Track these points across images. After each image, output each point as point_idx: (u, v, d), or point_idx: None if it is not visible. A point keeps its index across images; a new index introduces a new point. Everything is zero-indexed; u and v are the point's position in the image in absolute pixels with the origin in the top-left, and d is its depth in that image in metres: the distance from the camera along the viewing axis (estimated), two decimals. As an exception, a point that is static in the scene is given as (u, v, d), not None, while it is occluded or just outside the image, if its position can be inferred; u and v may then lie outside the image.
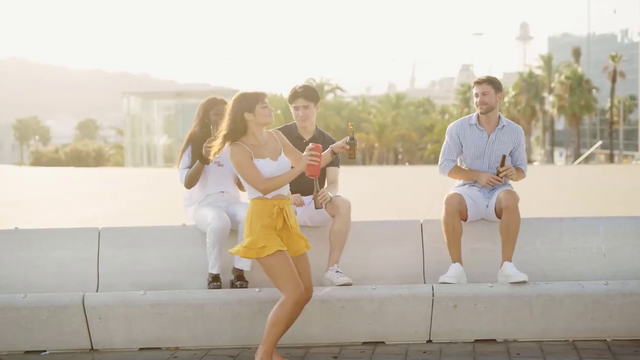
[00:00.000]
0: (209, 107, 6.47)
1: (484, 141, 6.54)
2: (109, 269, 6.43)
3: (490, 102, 6.51)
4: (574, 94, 69.93)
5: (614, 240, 6.46)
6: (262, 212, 5.32)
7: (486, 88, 6.51)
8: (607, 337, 6.13)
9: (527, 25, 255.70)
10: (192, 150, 6.45)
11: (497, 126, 6.55)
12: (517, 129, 6.63)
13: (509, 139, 6.56)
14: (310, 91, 6.51)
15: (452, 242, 6.21)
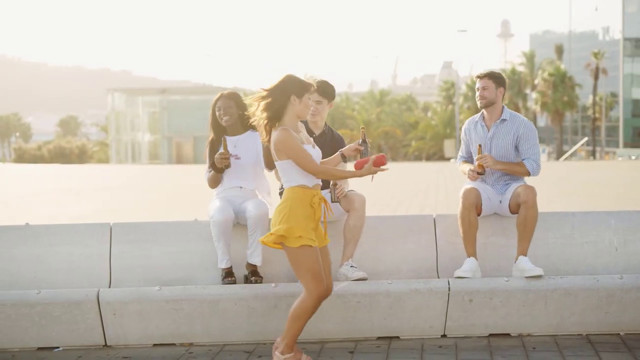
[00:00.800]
0: (214, 103, 6.44)
1: (485, 136, 6.54)
2: (121, 264, 6.38)
3: (490, 97, 6.46)
4: (556, 90, 70.25)
5: (626, 234, 6.48)
6: (303, 201, 5.20)
7: (486, 83, 6.48)
8: (621, 331, 6.15)
9: (508, 22, 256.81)
10: (209, 153, 6.42)
11: (497, 120, 6.51)
12: (521, 121, 6.50)
13: (509, 133, 6.48)
14: (327, 87, 6.48)
15: (468, 237, 6.21)
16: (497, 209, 6.46)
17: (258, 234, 6.15)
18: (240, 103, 6.40)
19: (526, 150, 6.45)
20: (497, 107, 6.51)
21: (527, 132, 6.47)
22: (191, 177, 30.09)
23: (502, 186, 6.47)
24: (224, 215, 6.09)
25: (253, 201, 6.28)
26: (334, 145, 6.55)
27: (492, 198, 6.43)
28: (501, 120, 6.50)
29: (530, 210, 6.15)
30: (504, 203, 6.41)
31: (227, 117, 6.39)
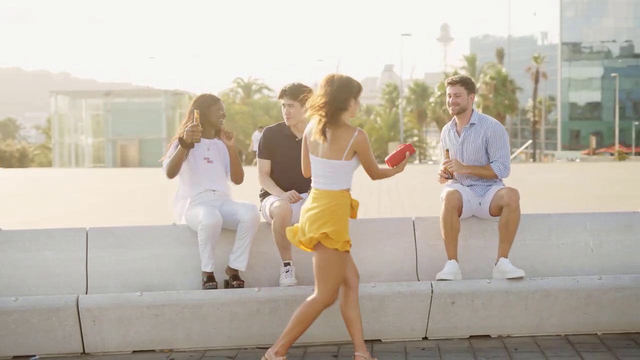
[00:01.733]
0: (212, 102, 6.34)
1: (456, 142, 6.59)
2: (98, 270, 6.26)
3: (462, 104, 6.52)
4: (498, 94, 71.26)
5: (601, 235, 6.58)
6: (346, 205, 5.25)
7: (459, 89, 6.51)
8: (598, 331, 6.24)
9: (447, 26, 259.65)
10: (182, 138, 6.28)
11: (466, 126, 6.56)
12: (490, 124, 6.54)
13: (478, 136, 6.52)
14: (296, 90, 6.41)
15: (450, 239, 6.23)
16: (476, 211, 6.50)
17: (248, 239, 6.10)
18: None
19: (494, 152, 6.50)
20: (467, 112, 6.57)
21: (495, 134, 6.51)
22: (141, 180, 29.73)
23: (482, 188, 6.51)
24: (214, 219, 6.02)
25: (243, 204, 6.22)
26: (316, 149, 6.52)
27: (472, 200, 6.46)
28: (470, 124, 6.55)
29: (513, 212, 6.19)
30: (483, 205, 6.45)
31: (223, 120, 6.37)
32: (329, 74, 5.33)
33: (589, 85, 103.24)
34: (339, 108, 5.17)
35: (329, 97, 5.16)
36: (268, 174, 6.51)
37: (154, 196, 21.31)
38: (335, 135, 5.18)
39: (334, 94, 5.16)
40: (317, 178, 5.32)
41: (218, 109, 6.35)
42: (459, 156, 6.55)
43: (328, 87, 5.18)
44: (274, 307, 5.88)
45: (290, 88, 6.43)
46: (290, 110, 6.41)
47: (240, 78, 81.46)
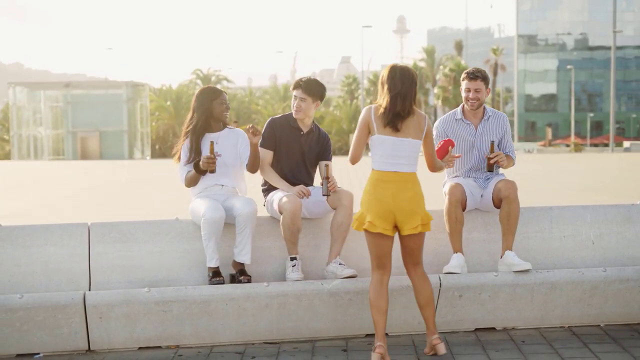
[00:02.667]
0: (213, 97, 6.27)
1: (472, 134, 6.56)
2: (101, 266, 6.15)
3: (482, 99, 6.54)
4: (457, 85, 71.60)
5: (601, 227, 6.63)
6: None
7: (479, 85, 6.50)
8: (601, 322, 6.30)
9: (404, 18, 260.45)
10: (193, 150, 6.22)
11: (483, 117, 6.59)
12: (502, 117, 6.66)
13: (495, 129, 6.59)
14: (313, 85, 6.39)
15: (454, 233, 6.23)
16: (479, 203, 6.52)
17: (247, 232, 6.05)
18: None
19: (509, 144, 6.67)
20: (481, 107, 6.61)
21: (508, 127, 6.72)
22: (105, 173, 29.41)
23: (484, 180, 6.53)
24: (216, 213, 5.96)
25: (241, 198, 6.17)
26: (320, 143, 6.49)
27: (475, 193, 6.48)
28: (487, 117, 6.59)
29: (512, 204, 6.22)
30: (485, 197, 6.47)
31: (227, 113, 6.31)
32: (393, 64, 5.49)
33: (545, 77, 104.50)
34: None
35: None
36: (269, 165, 6.45)
37: (118, 189, 21.11)
38: (414, 116, 5.40)
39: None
40: (402, 160, 5.37)
41: (221, 102, 6.28)
42: (475, 149, 6.54)
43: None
44: (283, 302, 5.84)
45: (306, 82, 6.40)
46: (301, 104, 6.37)
47: (199, 69, 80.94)
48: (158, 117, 69.53)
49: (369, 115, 5.39)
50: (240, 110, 75.49)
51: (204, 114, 6.26)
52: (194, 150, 6.22)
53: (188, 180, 6.29)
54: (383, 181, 5.32)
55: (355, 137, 5.47)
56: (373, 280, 5.43)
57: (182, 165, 6.28)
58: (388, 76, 5.37)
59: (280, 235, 6.28)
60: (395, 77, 5.34)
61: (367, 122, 5.39)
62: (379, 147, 5.35)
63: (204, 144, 6.23)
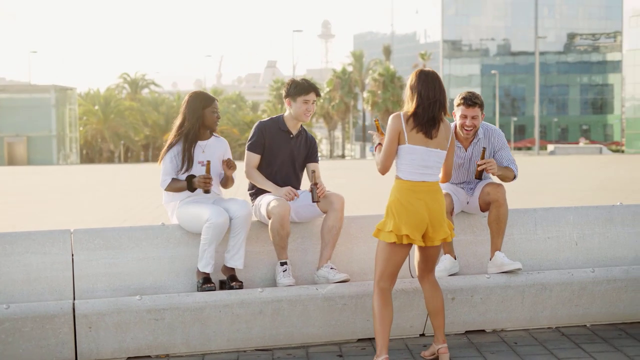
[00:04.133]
0: (206, 104, 6.13)
1: (462, 157, 6.40)
2: (85, 273, 5.94)
3: (478, 126, 6.32)
4: (386, 90, 72.28)
5: (584, 229, 6.70)
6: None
7: (477, 112, 6.24)
8: (587, 323, 6.36)
9: (329, 23, 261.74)
10: (183, 153, 6.07)
11: (474, 140, 6.36)
12: (495, 133, 6.40)
13: (487, 147, 6.39)
14: (317, 87, 6.38)
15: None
16: (465, 208, 6.52)
17: (242, 236, 5.92)
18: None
19: (505, 157, 6.39)
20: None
21: (501, 141, 6.42)
22: (32, 179, 28.68)
23: (472, 187, 6.51)
24: (221, 217, 5.82)
25: (236, 201, 6.05)
26: (308, 146, 6.41)
27: (461, 198, 6.46)
28: (477, 139, 6.37)
29: (501, 208, 6.22)
30: (472, 202, 6.46)
31: (218, 121, 6.18)
32: (420, 69, 5.35)
33: (469, 82, 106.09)
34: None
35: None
36: (255, 168, 6.34)
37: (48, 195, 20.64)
38: (443, 124, 5.28)
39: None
40: (430, 170, 5.25)
41: (213, 111, 6.15)
42: (463, 169, 6.43)
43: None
44: (277, 308, 5.74)
45: (314, 85, 6.35)
46: (313, 107, 6.31)
47: (127, 73, 79.79)
48: (86, 122, 68.28)
49: (400, 124, 5.19)
50: (169, 114, 74.66)
51: (196, 122, 6.11)
52: (187, 158, 6.07)
53: (172, 188, 6.13)
54: (415, 192, 5.18)
55: (386, 147, 5.23)
56: (379, 290, 5.25)
57: (168, 171, 6.10)
58: (418, 80, 5.20)
59: (268, 239, 6.17)
60: (428, 82, 5.19)
61: (398, 131, 5.20)
62: (408, 157, 5.18)
63: (195, 152, 6.10)
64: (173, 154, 6.10)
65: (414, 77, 5.22)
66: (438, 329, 5.40)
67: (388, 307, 5.24)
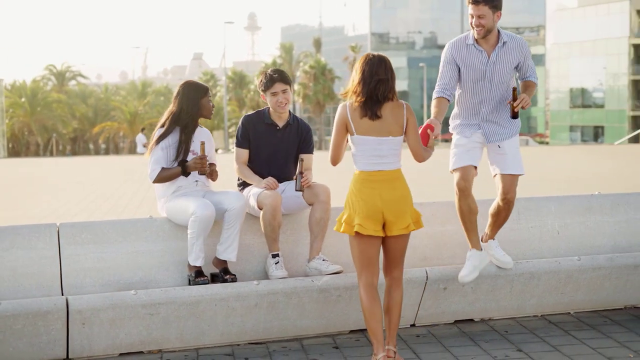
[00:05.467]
0: (203, 94, 6.01)
1: (484, 62, 5.86)
2: (73, 268, 5.77)
3: (488, 25, 5.76)
4: (317, 82, 72.22)
5: (565, 218, 6.79)
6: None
7: (482, 10, 5.71)
8: (571, 310, 6.47)
9: (255, 15, 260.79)
10: (180, 142, 5.94)
11: (497, 44, 5.86)
12: (520, 42, 5.92)
13: (511, 56, 5.89)
14: (285, 74, 6.25)
15: (468, 226, 5.93)
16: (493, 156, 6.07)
17: (237, 228, 5.83)
18: None
19: (529, 67, 5.98)
20: (494, 32, 5.84)
21: (527, 51, 5.98)
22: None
23: (502, 132, 5.99)
24: (207, 210, 5.71)
25: (229, 193, 5.94)
26: (300, 135, 6.31)
27: (476, 154, 6.00)
28: (502, 43, 5.86)
29: (510, 209, 5.97)
30: (502, 152, 5.99)
31: (212, 110, 6.08)
32: (367, 53, 5.23)
33: (397, 75, 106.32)
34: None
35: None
36: (245, 164, 6.25)
37: None
38: (393, 106, 5.16)
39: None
40: (385, 159, 5.12)
41: (208, 100, 6.05)
42: (487, 80, 5.86)
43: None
44: (273, 301, 5.68)
45: (278, 73, 6.21)
46: (285, 96, 6.18)
47: (53, 65, 78.11)
48: (12, 114, 66.61)
49: (345, 113, 5.11)
50: (98, 107, 73.37)
51: (196, 112, 5.99)
52: (184, 149, 5.94)
53: (162, 178, 5.99)
54: (370, 181, 5.08)
55: (334, 139, 5.19)
56: (363, 287, 5.12)
57: (159, 160, 5.96)
58: (363, 61, 5.13)
59: (258, 231, 6.10)
60: (372, 63, 5.09)
61: (345, 122, 5.12)
62: (360, 148, 5.10)
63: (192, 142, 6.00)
64: (165, 145, 5.96)
65: (361, 59, 5.17)
66: (390, 327, 5.18)
67: (375, 302, 5.09)
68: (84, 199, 16.89)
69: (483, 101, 5.94)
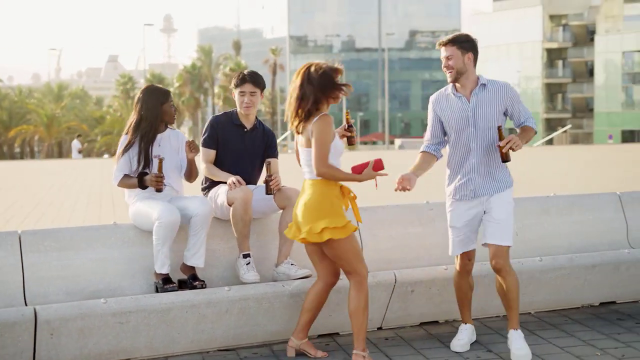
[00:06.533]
0: (163, 99, 5.89)
1: (465, 108, 5.52)
2: (36, 277, 5.59)
3: (457, 66, 5.49)
4: (238, 85, 72.00)
5: (523, 220, 6.88)
6: (332, 193, 5.19)
7: (450, 51, 5.48)
8: (532, 310, 6.58)
9: (170, 17, 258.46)
10: (139, 152, 5.82)
11: (475, 88, 5.55)
12: (503, 85, 5.59)
13: (494, 99, 5.52)
14: (258, 77, 6.18)
15: (462, 302, 5.85)
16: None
17: (203, 234, 5.74)
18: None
19: (521, 112, 5.61)
20: (470, 75, 5.54)
21: (514, 94, 5.61)
22: None
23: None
24: (172, 216, 5.60)
25: (194, 198, 5.84)
26: (265, 141, 6.26)
27: (471, 234, 5.75)
28: (480, 85, 5.54)
29: (506, 278, 5.53)
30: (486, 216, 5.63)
31: (175, 115, 5.97)
32: (309, 63, 5.27)
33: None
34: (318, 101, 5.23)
35: (307, 92, 5.20)
36: (211, 163, 6.16)
37: None
38: (313, 119, 5.23)
39: (309, 89, 5.20)
40: (305, 168, 5.33)
41: (170, 105, 5.94)
42: (472, 123, 5.50)
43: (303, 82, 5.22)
44: (244, 307, 5.61)
45: (252, 74, 6.15)
46: (252, 99, 6.12)
47: (-37, 66, 75.83)
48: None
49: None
50: (12, 110, 71.55)
51: (155, 120, 5.87)
52: (143, 157, 5.82)
53: (123, 184, 5.90)
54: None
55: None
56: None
57: (121, 167, 5.84)
58: (297, 76, 5.24)
59: (226, 236, 6.03)
60: (304, 77, 5.20)
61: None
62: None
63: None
64: (130, 156, 5.84)
65: (296, 74, 5.26)
66: (353, 333, 5.32)
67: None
68: (10, 207, 16.45)
69: (470, 151, 5.55)
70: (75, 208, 15.64)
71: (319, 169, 5.13)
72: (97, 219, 13.35)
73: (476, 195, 5.57)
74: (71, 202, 16.78)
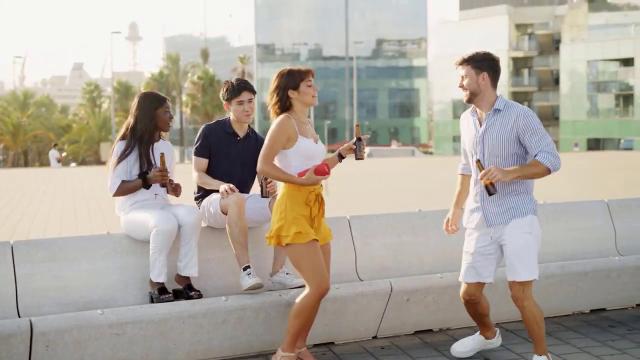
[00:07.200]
0: (158, 104, 5.84)
1: (476, 132, 5.31)
2: (30, 289, 5.50)
3: (471, 87, 5.24)
4: (206, 94, 71.69)
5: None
6: (297, 198, 5.15)
7: (465, 70, 5.25)
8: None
9: (136, 25, 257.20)
10: (140, 155, 5.76)
11: (490, 110, 5.27)
12: (520, 110, 5.18)
13: (505, 125, 5.19)
14: (250, 84, 6.17)
15: (478, 320, 5.77)
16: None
17: (193, 242, 5.68)
18: None
19: (536, 143, 5.13)
20: (486, 96, 5.25)
21: (530, 121, 5.15)
22: None
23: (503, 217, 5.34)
24: (169, 224, 5.54)
25: (182, 207, 5.79)
26: (258, 149, 6.20)
27: (490, 259, 5.50)
28: (494, 110, 5.25)
29: (524, 310, 5.36)
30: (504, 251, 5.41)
31: (171, 122, 5.92)
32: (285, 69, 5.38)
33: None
34: (282, 102, 5.32)
35: (274, 93, 5.34)
36: (204, 172, 6.11)
37: None
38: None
39: (276, 91, 5.32)
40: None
41: (165, 111, 5.88)
42: (479, 150, 5.26)
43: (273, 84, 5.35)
44: (241, 316, 5.56)
45: (246, 82, 6.14)
46: (251, 106, 6.10)
47: None
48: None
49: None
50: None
51: (150, 123, 5.82)
52: (146, 160, 5.76)
53: (123, 191, 5.80)
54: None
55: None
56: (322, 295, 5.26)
57: (119, 173, 5.77)
58: (276, 77, 5.31)
59: (218, 246, 5.98)
60: (289, 78, 5.28)
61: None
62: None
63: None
64: (129, 161, 5.77)
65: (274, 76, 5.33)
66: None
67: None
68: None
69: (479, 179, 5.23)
70: (62, 217, 15.47)
71: (261, 166, 5.23)
72: (89, 228, 13.17)
73: (489, 224, 5.33)
74: (57, 212, 16.60)
